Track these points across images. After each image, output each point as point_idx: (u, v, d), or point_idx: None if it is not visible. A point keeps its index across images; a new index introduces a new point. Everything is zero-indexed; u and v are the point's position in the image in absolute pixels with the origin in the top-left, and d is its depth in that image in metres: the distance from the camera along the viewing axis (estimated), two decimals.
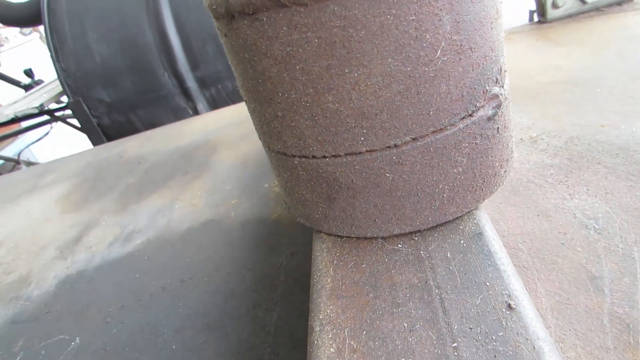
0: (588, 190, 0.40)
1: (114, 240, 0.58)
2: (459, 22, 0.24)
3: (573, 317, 0.30)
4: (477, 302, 0.24)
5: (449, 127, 0.26)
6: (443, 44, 0.24)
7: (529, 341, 0.22)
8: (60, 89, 1.73)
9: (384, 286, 0.27)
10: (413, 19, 0.23)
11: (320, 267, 0.30)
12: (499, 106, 0.28)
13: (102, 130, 1.45)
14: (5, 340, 0.47)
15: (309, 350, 0.25)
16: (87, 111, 1.41)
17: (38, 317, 0.49)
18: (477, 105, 0.27)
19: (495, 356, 0.21)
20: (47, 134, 2.11)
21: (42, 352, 0.44)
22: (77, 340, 0.44)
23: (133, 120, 1.45)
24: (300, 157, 0.29)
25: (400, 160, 0.27)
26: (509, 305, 0.23)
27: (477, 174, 0.29)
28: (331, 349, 0.24)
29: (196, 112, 1.43)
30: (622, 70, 0.57)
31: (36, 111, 1.51)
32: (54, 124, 1.92)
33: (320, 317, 0.26)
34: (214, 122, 0.85)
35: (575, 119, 0.50)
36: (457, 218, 0.30)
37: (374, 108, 0.25)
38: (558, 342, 0.29)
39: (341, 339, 0.24)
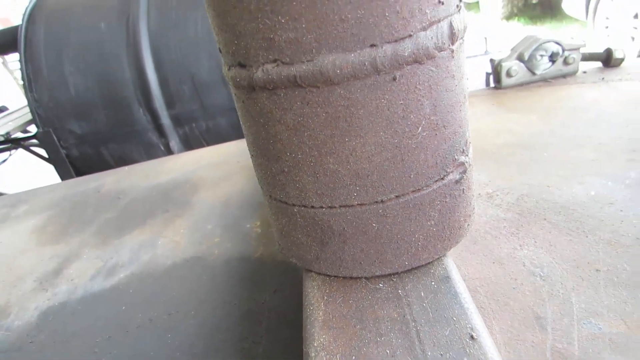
0: (535, 242, 0.47)
1: (96, 273, 0.60)
2: (436, 106, 0.31)
3: (522, 350, 0.36)
4: (447, 333, 0.29)
5: (425, 188, 0.32)
6: (423, 122, 0.30)
7: None
8: (27, 117, 1.72)
9: (369, 319, 0.32)
10: (401, 103, 0.29)
11: (312, 301, 0.34)
12: (464, 172, 0.34)
13: (70, 162, 1.45)
14: None
15: None
16: (57, 142, 1.42)
17: (21, 347, 0.50)
18: (447, 170, 0.33)
19: None
20: (4, 161, 2.06)
21: None
22: None
23: (103, 153, 1.46)
24: (299, 206, 0.34)
25: (385, 213, 0.32)
26: (472, 336, 0.29)
27: (445, 227, 0.35)
28: None
29: (168, 149, 1.46)
30: (564, 137, 0.66)
31: (1, 139, 1.50)
32: (13, 151, 1.88)
33: (315, 344, 0.30)
34: (193, 161, 0.89)
35: (525, 179, 0.58)
36: (429, 263, 0.36)
37: (367, 170, 0.31)
38: None
39: None
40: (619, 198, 0.50)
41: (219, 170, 0.82)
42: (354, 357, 0.29)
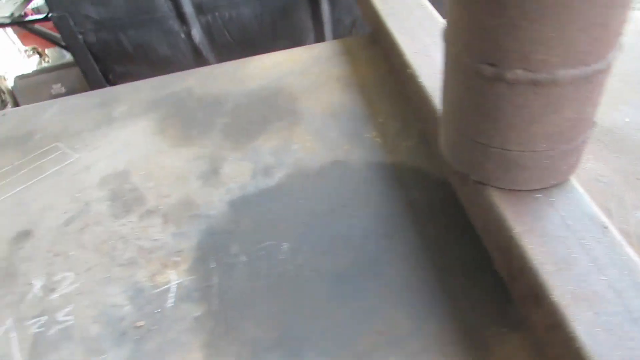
0: (595, 158, 0.70)
1: (254, 173, 0.77)
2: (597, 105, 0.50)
3: None
4: (588, 224, 0.53)
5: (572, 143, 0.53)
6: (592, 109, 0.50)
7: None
8: None
9: (535, 215, 0.54)
10: (588, 95, 0.48)
11: (497, 203, 0.56)
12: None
13: (87, 48, 1.45)
14: (218, 246, 0.66)
15: None
16: (73, 27, 1.40)
17: (233, 230, 0.69)
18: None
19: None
20: None
21: (262, 252, 0.65)
22: (286, 245, 0.65)
23: (122, 39, 1.47)
24: (499, 148, 0.53)
25: (553, 157, 0.53)
26: (605, 227, 0.52)
27: (574, 162, 0.56)
28: None
29: (190, 37, 1.49)
30: None
31: (8, 21, 1.43)
32: None
33: (515, 232, 0.53)
34: (271, 68, 1.00)
35: None
36: (563, 182, 0.58)
37: (555, 131, 0.50)
38: None
39: None
40: None
41: (304, 79, 0.95)
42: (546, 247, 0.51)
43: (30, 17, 1.55)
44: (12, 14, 1.44)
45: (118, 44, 1.47)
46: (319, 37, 1.56)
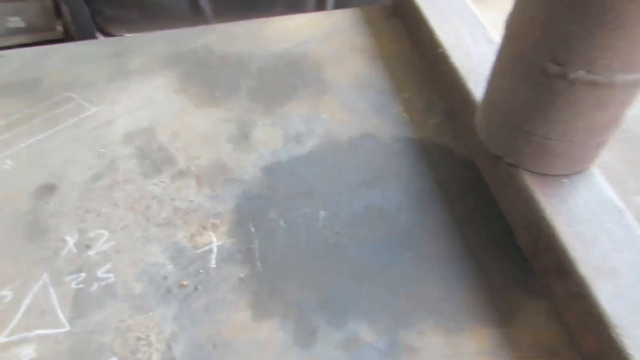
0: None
1: (285, 140, 0.79)
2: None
3: None
4: (605, 205, 0.59)
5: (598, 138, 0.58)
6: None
7: None
8: None
9: (562, 193, 0.60)
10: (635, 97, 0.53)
11: (529, 185, 0.61)
12: None
13: None
14: (255, 211, 0.69)
15: None
16: None
17: (270, 195, 0.71)
18: None
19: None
20: None
21: (300, 219, 0.68)
22: (323, 214, 0.69)
23: None
24: (540, 137, 0.58)
25: (583, 149, 0.58)
26: (620, 210, 0.59)
27: (596, 151, 0.62)
28: None
29: None
30: None
31: None
32: None
33: (544, 212, 0.58)
34: (293, 31, 0.99)
35: None
36: (585, 170, 0.63)
37: (595, 126, 0.55)
38: None
39: None
40: None
41: (328, 46, 0.96)
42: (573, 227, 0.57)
43: None
44: None
45: None
46: (320, 2, 1.55)
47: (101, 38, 0.99)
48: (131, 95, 0.86)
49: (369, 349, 0.56)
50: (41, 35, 1.72)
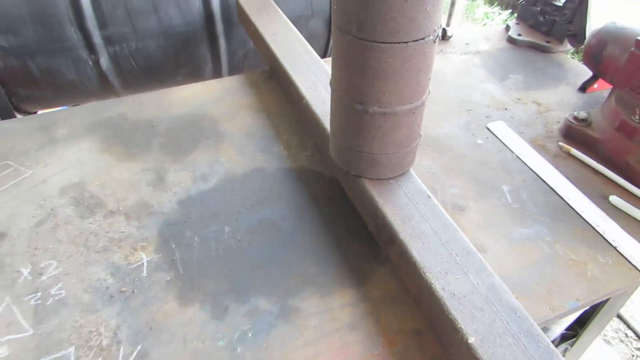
0: (426, 156, 1.10)
1: (193, 179, 1.03)
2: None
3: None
4: (426, 198, 0.90)
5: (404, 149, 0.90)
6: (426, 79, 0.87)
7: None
8: None
9: (394, 194, 0.90)
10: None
11: (370, 189, 0.90)
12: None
13: None
14: (175, 232, 0.91)
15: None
16: None
17: (185, 220, 0.94)
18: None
19: None
20: None
21: (210, 234, 0.91)
22: (228, 229, 0.93)
23: (29, 65, 1.60)
24: (367, 153, 0.88)
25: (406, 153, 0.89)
26: (429, 196, 0.89)
27: (411, 159, 0.94)
28: None
29: (97, 65, 1.67)
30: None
31: None
32: None
33: (382, 212, 0.87)
34: (191, 97, 1.26)
35: None
36: (406, 172, 0.94)
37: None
38: None
39: None
40: (457, 134, 1.17)
41: (221, 106, 1.23)
42: (396, 210, 0.87)
43: None
44: None
45: (25, 69, 1.58)
46: (216, 67, 1.84)
47: (22, 116, 1.18)
48: (61, 158, 1.06)
49: (267, 314, 0.80)
50: None
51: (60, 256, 0.86)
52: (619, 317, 2.30)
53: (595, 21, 1.43)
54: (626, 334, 2.25)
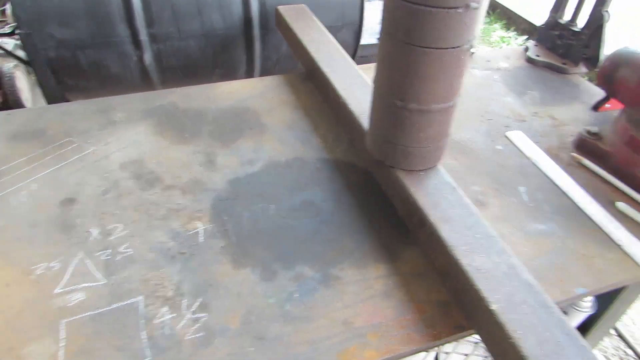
0: (450, 156, 1.22)
1: (241, 163, 1.15)
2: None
3: None
4: (453, 190, 1.02)
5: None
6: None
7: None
8: None
9: (425, 184, 1.02)
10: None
11: (404, 179, 1.02)
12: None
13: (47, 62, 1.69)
14: (226, 207, 1.03)
15: None
16: (38, 43, 1.64)
17: (234, 197, 1.06)
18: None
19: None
20: None
21: (258, 210, 1.03)
22: (273, 207, 1.05)
23: (79, 58, 1.73)
24: (403, 145, 1.00)
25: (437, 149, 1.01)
26: (454, 188, 1.01)
27: (442, 154, 1.06)
28: None
29: (141, 60, 1.81)
30: None
31: None
32: None
33: (418, 204, 0.99)
34: (234, 92, 1.39)
35: None
36: (436, 165, 1.06)
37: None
38: None
39: None
40: (478, 139, 1.29)
41: (263, 101, 1.36)
42: (426, 197, 0.98)
43: None
44: None
45: (74, 60, 1.72)
46: (250, 69, 1.98)
47: (82, 100, 1.30)
48: (119, 138, 1.19)
49: (310, 280, 0.91)
50: None
51: (126, 220, 0.98)
52: (620, 335, 2.39)
53: (609, 46, 1.57)
54: (625, 352, 2.35)
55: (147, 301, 0.84)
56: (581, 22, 1.65)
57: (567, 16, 1.71)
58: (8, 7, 1.97)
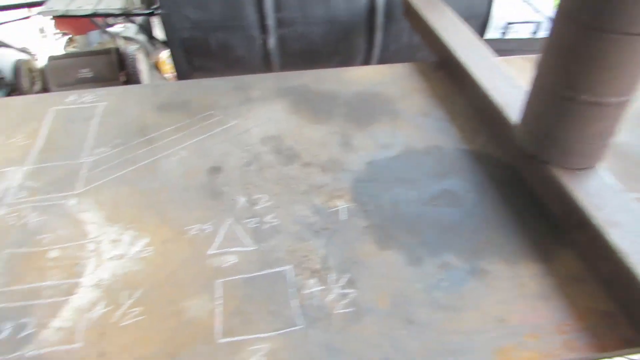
0: None
1: (377, 146, 1.13)
2: None
3: None
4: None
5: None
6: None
7: None
8: None
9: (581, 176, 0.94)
10: None
11: (560, 176, 0.95)
12: None
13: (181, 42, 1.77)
14: (366, 188, 1.01)
15: None
16: (175, 24, 1.72)
17: (374, 180, 1.04)
18: None
19: None
20: None
21: (399, 195, 1.00)
22: (413, 192, 1.01)
23: (210, 39, 1.80)
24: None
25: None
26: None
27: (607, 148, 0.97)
28: None
29: (265, 44, 1.85)
30: None
31: (118, 12, 1.72)
32: None
33: (574, 195, 0.92)
34: (365, 77, 1.37)
35: None
36: (594, 165, 0.98)
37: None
38: None
39: None
40: (636, 143, 1.18)
41: (395, 88, 1.34)
42: (588, 198, 0.91)
43: (138, 11, 1.84)
44: (122, 7, 1.74)
45: (205, 41, 1.79)
46: (367, 58, 1.97)
47: (226, 77, 1.35)
48: (258, 114, 1.21)
49: (459, 270, 0.87)
50: (106, 84, 2.12)
51: (269, 192, 1.00)
52: None
53: None
54: None
55: (295, 270, 0.85)
56: None
57: None
58: None
